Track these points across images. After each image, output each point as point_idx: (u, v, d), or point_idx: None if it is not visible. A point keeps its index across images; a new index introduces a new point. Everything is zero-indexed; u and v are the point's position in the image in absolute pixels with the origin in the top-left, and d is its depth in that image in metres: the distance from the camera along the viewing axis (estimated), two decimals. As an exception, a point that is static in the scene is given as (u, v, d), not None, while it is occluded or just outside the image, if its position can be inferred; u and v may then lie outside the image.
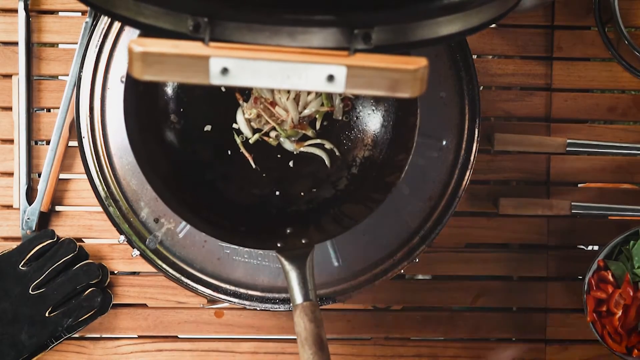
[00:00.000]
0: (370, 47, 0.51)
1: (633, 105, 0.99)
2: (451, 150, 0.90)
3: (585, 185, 1.00)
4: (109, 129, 0.90)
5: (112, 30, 0.89)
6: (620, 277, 0.92)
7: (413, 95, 0.52)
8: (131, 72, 0.50)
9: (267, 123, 0.91)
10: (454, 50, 0.89)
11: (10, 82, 0.96)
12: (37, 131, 0.96)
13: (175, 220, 0.90)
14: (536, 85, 0.99)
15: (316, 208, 0.91)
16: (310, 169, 0.93)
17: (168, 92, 0.91)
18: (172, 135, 0.91)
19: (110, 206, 0.90)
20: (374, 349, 0.98)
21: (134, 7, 0.53)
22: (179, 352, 0.96)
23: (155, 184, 0.83)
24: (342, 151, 0.93)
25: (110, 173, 0.90)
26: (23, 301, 0.89)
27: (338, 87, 0.51)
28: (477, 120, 0.89)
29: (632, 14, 0.98)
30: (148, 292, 0.96)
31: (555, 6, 0.98)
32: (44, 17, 0.97)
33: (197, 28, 0.50)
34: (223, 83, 0.50)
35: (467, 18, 0.56)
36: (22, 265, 0.90)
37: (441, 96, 0.90)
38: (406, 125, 0.86)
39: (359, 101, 0.93)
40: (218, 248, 0.89)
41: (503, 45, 0.99)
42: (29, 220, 0.93)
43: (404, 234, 0.89)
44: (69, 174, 0.96)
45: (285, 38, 0.51)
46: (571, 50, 0.99)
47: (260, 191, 0.93)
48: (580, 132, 0.99)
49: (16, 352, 0.89)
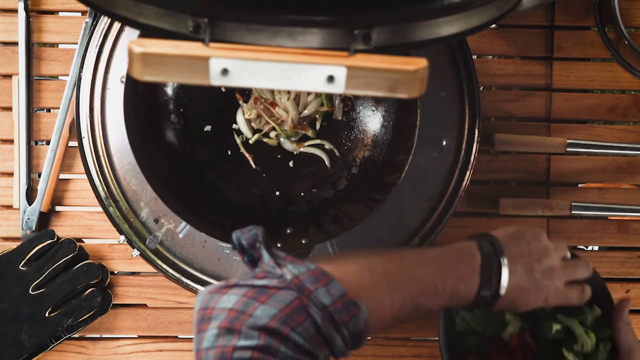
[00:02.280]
0: (370, 47, 0.51)
1: (633, 105, 0.99)
2: (451, 150, 0.90)
3: (585, 186, 1.00)
4: (109, 129, 0.90)
5: (112, 30, 0.89)
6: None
7: (413, 95, 0.52)
8: (131, 72, 0.50)
9: (267, 123, 0.91)
10: (454, 50, 0.90)
11: (10, 82, 0.96)
12: (37, 131, 0.96)
13: (175, 220, 0.90)
14: (536, 85, 0.99)
15: (316, 208, 0.91)
16: (310, 169, 0.93)
17: (168, 92, 0.91)
18: (172, 135, 0.91)
19: (110, 206, 0.90)
20: (374, 349, 0.97)
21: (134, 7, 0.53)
22: (179, 352, 0.96)
23: (155, 184, 0.83)
24: (342, 151, 0.93)
25: (110, 173, 0.90)
26: (23, 301, 0.89)
27: (338, 87, 0.51)
28: (477, 120, 0.89)
29: (632, 14, 0.98)
30: (148, 292, 0.96)
31: (555, 6, 0.98)
32: (44, 17, 0.97)
33: (197, 29, 0.50)
34: (223, 83, 0.50)
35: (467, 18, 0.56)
36: (22, 266, 0.90)
37: (441, 96, 0.90)
38: (406, 125, 0.86)
39: (359, 101, 0.93)
40: (218, 248, 0.89)
41: (503, 45, 0.99)
42: (29, 221, 0.93)
43: (404, 234, 0.89)
44: (69, 174, 0.96)
45: (285, 39, 0.51)
46: (571, 50, 0.99)
47: (260, 191, 0.93)
48: (580, 132, 0.99)
49: (16, 352, 0.89)
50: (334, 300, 0.55)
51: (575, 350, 0.76)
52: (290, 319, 0.54)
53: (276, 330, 0.53)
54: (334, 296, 0.55)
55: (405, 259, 0.64)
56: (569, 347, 0.76)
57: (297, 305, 0.54)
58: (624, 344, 0.75)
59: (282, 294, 0.55)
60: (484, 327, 0.77)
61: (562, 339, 0.77)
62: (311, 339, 0.54)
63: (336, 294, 0.55)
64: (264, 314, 0.53)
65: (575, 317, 0.77)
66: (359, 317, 0.56)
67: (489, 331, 0.77)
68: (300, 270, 0.56)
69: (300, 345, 0.53)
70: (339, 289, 0.56)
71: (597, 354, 0.76)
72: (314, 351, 0.54)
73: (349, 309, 0.56)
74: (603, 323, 0.77)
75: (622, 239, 0.98)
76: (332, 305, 0.55)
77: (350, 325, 0.56)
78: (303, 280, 0.55)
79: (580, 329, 0.76)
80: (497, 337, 0.78)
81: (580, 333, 0.76)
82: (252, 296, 0.54)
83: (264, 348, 0.52)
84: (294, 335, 0.53)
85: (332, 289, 0.55)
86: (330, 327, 0.55)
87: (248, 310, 0.53)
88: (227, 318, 0.53)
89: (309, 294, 0.55)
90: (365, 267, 0.60)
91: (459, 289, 0.64)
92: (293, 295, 0.55)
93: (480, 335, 0.77)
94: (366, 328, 0.57)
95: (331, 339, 0.55)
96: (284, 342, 0.53)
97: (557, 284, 0.70)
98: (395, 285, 0.61)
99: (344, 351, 0.57)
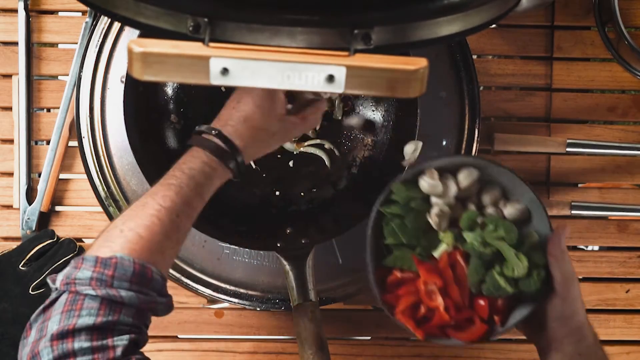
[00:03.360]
0: (370, 47, 0.51)
1: (633, 105, 0.99)
2: (451, 150, 0.90)
3: (585, 185, 1.00)
4: (109, 129, 0.90)
5: (112, 30, 0.89)
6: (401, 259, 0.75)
7: (413, 95, 0.52)
8: (131, 72, 0.50)
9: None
10: (454, 50, 0.89)
11: (10, 82, 0.96)
12: (37, 131, 0.96)
13: (175, 220, 0.90)
14: (536, 85, 0.99)
15: (316, 208, 0.91)
16: (310, 169, 0.93)
17: (168, 92, 0.91)
18: (172, 135, 0.91)
19: (110, 206, 0.90)
20: (374, 349, 0.97)
21: (134, 7, 0.53)
22: (179, 352, 0.96)
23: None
24: (342, 151, 0.93)
25: (110, 173, 0.90)
26: (23, 301, 0.89)
27: (338, 87, 0.51)
28: (477, 120, 0.89)
29: (632, 14, 0.98)
30: (148, 292, 0.96)
31: (555, 6, 0.98)
32: (44, 17, 0.96)
33: (197, 28, 0.50)
34: (223, 83, 0.50)
35: (467, 18, 0.56)
36: (22, 265, 0.90)
37: (441, 96, 0.90)
38: (406, 125, 0.86)
39: (359, 101, 0.93)
40: (218, 248, 0.89)
41: (503, 45, 0.99)
42: (29, 220, 0.93)
43: (404, 234, 0.89)
44: (69, 174, 0.96)
45: (285, 38, 0.51)
46: (571, 50, 0.99)
47: (260, 191, 0.93)
48: (580, 132, 0.99)
49: (16, 352, 0.89)
50: (92, 269, 0.57)
51: (506, 273, 0.72)
52: (71, 312, 0.56)
53: (63, 330, 0.55)
54: (90, 267, 0.58)
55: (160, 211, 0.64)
56: (500, 270, 0.72)
57: (71, 298, 0.57)
58: (558, 274, 0.70)
59: (59, 300, 0.58)
60: (414, 241, 0.74)
61: (492, 261, 0.72)
62: (100, 311, 0.57)
63: (91, 263, 0.58)
64: (52, 325, 0.56)
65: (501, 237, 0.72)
66: (121, 264, 0.58)
67: (420, 246, 0.74)
68: (64, 272, 0.59)
69: (91, 325, 0.56)
70: (90, 259, 0.58)
71: (530, 281, 0.71)
72: (110, 318, 0.57)
73: (107, 265, 0.58)
74: (539, 250, 0.73)
75: (622, 239, 0.98)
76: (94, 272, 0.57)
77: (119, 275, 0.57)
78: (67, 276, 0.58)
79: (510, 251, 0.71)
80: (428, 254, 0.74)
81: (510, 255, 0.71)
82: (42, 320, 0.58)
83: (60, 357, 0.55)
84: (81, 322, 0.56)
85: (87, 263, 0.58)
86: (106, 289, 0.57)
87: (42, 333, 0.57)
88: (30, 351, 0.58)
89: (74, 281, 0.57)
90: (115, 227, 0.62)
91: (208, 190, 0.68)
92: (66, 294, 0.58)
93: (410, 250, 0.74)
94: (138, 267, 0.58)
95: (116, 297, 0.57)
96: (76, 338, 0.55)
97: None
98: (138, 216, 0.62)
99: (149, 299, 0.59)
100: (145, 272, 0.59)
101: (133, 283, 0.58)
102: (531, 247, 0.73)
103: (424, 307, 0.74)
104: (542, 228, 0.74)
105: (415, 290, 0.73)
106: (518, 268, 0.71)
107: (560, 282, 0.70)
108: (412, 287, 0.74)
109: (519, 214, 0.75)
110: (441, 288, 0.73)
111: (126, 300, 0.58)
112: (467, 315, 0.74)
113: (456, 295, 0.73)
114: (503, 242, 0.72)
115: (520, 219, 0.75)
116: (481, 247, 0.72)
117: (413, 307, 0.74)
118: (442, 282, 0.73)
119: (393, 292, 0.74)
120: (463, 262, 0.74)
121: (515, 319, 0.74)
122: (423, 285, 0.73)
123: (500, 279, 0.72)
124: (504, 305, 0.74)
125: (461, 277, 0.74)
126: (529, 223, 0.75)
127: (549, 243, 0.71)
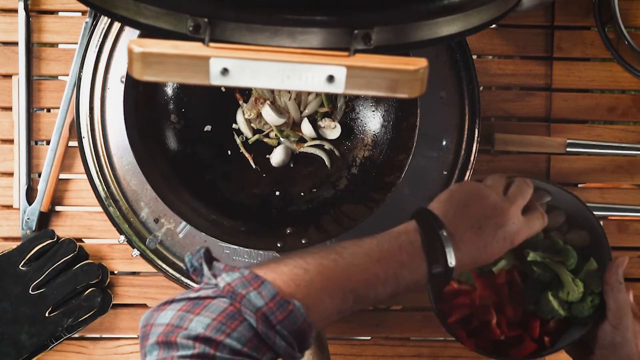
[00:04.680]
0: (370, 47, 0.51)
1: (633, 105, 0.99)
2: (451, 150, 0.90)
3: (585, 185, 1.00)
4: (109, 129, 0.90)
5: (112, 30, 0.89)
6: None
7: (413, 95, 0.52)
8: (131, 72, 0.50)
9: (267, 123, 0.91)
10: (454, 50, 0.90)
11: (10, 82, 0.96)
12: (37, 131, 0.96)
13: (175, 220, 0.90)
14: (536, 85, 0.99)
15: (316, 208, 0.91)
16: (310, 169, 0.93)
17: (168, 92, 0.91)
18: (172, 135, 0.91)
19: (110, 206, 0.90)
20: (374, 349, 0.97)
21: (134, 7, 0.53)
22: (179, 352, 0.96)
23: (155, 184, 0.83)
24: (342, 151, 0.93)
25: (110, 173, 0.90)
26: (23, 301, 0.89)
27: (338, 87, 0.51)
28: (477, 120, 0.90)
29: (632, 14, 0.98)
30: (148, 292, 0.96)
31: (555, 6, 0.98)
32: (44, 17, 0.97)
33: (197, 28, 0.50)
34: (223, 83, 0.50)
35: (467, 18, 0.56)
36: (22, 265, 0.90)
37: (441, 96, 0.90)
38: (406, 125, 0.86)
39: (359, 101, 0.93)
40: (218, 248, 0.89)
41: (503, 45, 0.99)
42: (29, 220, 0.93)
43: (404, 234, 0.89)
44: (69, 174, 0.96)
45: (285, 38, 0.51)
46: (571, 50, 0.99)
47: (260, 191, 0.93)
48: (580, 132, 0.99)
49: (16, 352, 0.89)
50: (266, 301, 0.56)
51: (560, 297, 0.73)
52: (224, 325, 0.55)
53: (210, 338, 0.54)
54: (266, 298, 0.56)
55: (341, 253, 0.63)
56: (555, 292, 0.74)
57: (231, 312, 0.55)
58: (613, 302, 0.71)
59: (216, 302, 0.56)
60: None
61: (549, 283, 0.74)
62: (249, 343, 0.55)
63: (268, 295, 0.56)
64: (198, 325, 0.54)
65: (560, 261, 0.74)
66: (294, 315, 0.56)
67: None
68: (233, 277, 0.57)
69: (237, 349, 0.54)
70: (271, 289, 0.56)
71: (584, 306, 0.73)
72: (254, 354, 0.55)
73: (283, 308, 0.56)
74: (596, 277, 0.74)
75: (622, 239, 0.98)
76: (266, 306, 0.56)
77: (286, 323, 0.56)
78: (235, 286, 0.56)
79: (567, 276, 0.73)
80: (486, 270, 0.76)
81: (567, 279, 0.73)
82: (187, 309, 0.56)
83: (199, 356, 0.53)
84: (229, 341, 0.54)
85: (264, 291, 0.56)
86: (267, 328, 0.56)
87: (183, 324, 0.55)
88: (163, 332, 0.55)
89: (242, 298, 0.56)
90: (300, 267, 0.60)
91: (403, 274, 0.63)
92: (226, 302, 0.56)
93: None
94: (306, 325, 0.57)
95: (270, 340, 0.56)
96: (219, 349, 0.54)
97: (514, 221, 0.66)
98: (333, 279, 0.61)
99: (291, 352, 0.57)
100: (307, 332, 0.58)
101: (292, 336, 0.57)
102: (588, 274, 0.75)
103: (476, 320, 0.76)
104: (601, 257, 0.76)
105: (470, 303, 0.76)
106: (573, 293, 0.74)
107: (614, 311, 0.72)
108: (467, 299, 0.76)
109: (581, 241, 0.77)
110: (496, 303, 0.75)
111: (275, 347, 0.56)
112: (518, 333, 0.76)
113: (509, 312, 0.76)
114: (562, 266, 0.74)
115: (581, 245, 0.76)
116: (540, 269, 0.74)
117: (465, 319, 0.76)
118: (497, 298, 0.75)
119: (448, 302, 0.76)
120: (520, 281, 0.75)
121: (565, 341, 0.76)
122: (478, 299, 0.75)
123: (554, 301, 0.74)
124: (555, 326, 0.76)
125: (516, 295, 0.75)
126: (589, 250, 0.77)
127: (607, 272, 0.73)
